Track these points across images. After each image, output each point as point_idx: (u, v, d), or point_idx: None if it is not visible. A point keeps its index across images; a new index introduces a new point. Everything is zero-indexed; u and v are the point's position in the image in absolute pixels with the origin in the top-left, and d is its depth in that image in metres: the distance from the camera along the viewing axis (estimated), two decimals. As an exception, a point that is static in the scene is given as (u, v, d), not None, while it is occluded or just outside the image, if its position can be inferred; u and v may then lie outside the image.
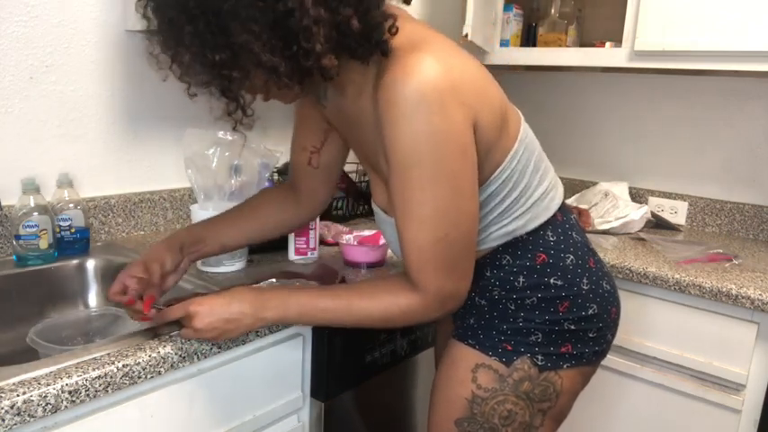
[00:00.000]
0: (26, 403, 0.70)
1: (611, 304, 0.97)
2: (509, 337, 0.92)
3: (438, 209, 0.80)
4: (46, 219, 1.17)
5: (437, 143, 0.77)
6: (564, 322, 0.92)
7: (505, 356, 0.92)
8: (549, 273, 0.91)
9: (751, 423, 1.33)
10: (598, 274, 0.95)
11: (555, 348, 0.92)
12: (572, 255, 0.93)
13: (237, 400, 0.98)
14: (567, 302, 0.92)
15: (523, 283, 0.92)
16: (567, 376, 0.93)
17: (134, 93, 1.40)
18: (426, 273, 0.83)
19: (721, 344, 1.34)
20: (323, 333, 1.11)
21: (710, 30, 1.52)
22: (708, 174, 1.90)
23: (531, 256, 0.92)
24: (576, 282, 0.92)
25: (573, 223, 0.97)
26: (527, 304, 0.92)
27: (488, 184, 0.88)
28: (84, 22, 1.29)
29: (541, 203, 0.92)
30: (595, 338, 0.95)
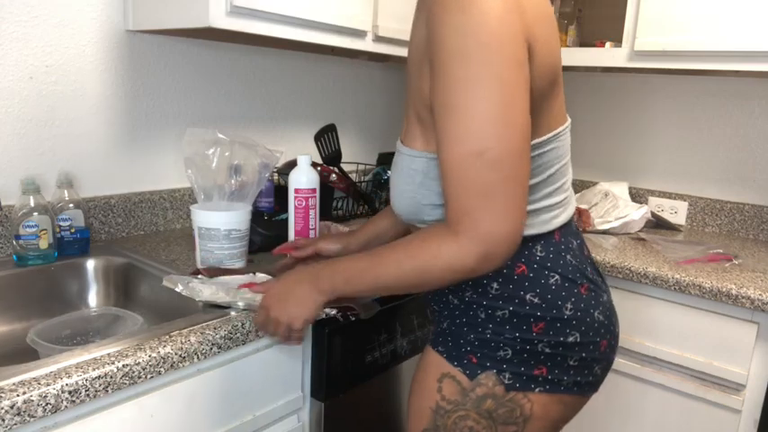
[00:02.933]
0: (26, 403, 0.70)
1: (602, 336, 0.86)
2: (475, 349, 0.85)
3: (482, 118, 0.69)
4: (46, 219, 1.17)
5: (488, 42, 0.68)
6: (538, 343, 0.83)
7: (469, 369, 0.85)
8: (527, 287, 0.83)
9: (751, 423, 1.33)
10: (590, 303, 0.85)
11: (526, 369, 0.83)
12: (558, 276, 0.83)
13: (237, 400, 0.98)
14: (542, 323, 0.83)
15: (496, 291, 0.83)
16: (539, 402, 0.84)
17: (134, 93, 1.40)
18: (463, 204, 0.72)
19: (721, 344, 1.34)
20: (323, 333, 1.11)
21: (710, 30, 1.52)
22: (708, 174, 1.90)
23: (510, 263, 0.82)
24: (556, 304, 0.83)
25: (572, 248, 0.87)
26: (497, 316, 0.84)
27: None
28: (85, 22, 1.29)
29: (540, 215, 0.84)
30: (577, 368, 0.85)
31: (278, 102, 1.74)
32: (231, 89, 1.60)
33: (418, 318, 1.33)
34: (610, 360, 0.91)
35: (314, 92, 1.84)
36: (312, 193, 1.26)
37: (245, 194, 1.23)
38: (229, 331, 0.92)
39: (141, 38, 1.38)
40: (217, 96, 1.58)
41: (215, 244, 1.16)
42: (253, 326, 0.95)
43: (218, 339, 0.90)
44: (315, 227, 1.29)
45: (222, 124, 1.60)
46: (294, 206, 1.26)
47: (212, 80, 1.55)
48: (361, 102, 2.01)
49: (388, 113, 2.13)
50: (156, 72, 1.43)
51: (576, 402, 0.89)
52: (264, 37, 1.27)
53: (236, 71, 1.61)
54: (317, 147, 1.60)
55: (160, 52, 1.43)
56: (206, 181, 1.21)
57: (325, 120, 1.77)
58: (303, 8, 1.28)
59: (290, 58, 1.74)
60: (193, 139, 1.22)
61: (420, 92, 0.80)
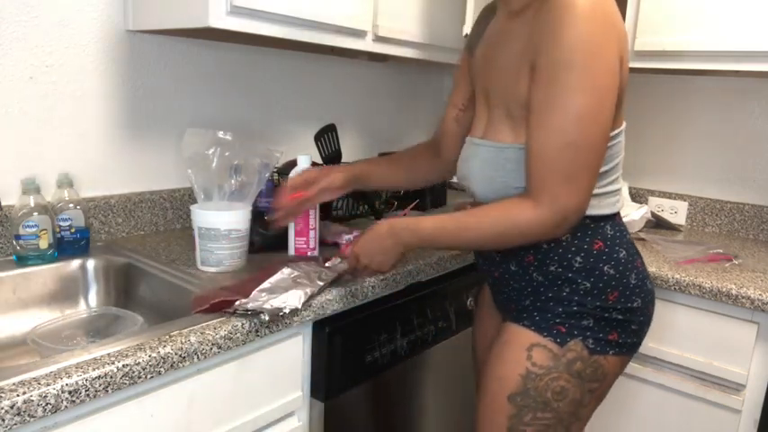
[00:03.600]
0: (26, 403, 0.70)
1: (651, 303, 1.04)
2: (563, 320, 0.99)
3: (576, 115, 0.87)
4: (46, 219, 1.17)
5: (594, 53, 0.86)
6: (612, 311, 0.98)
7: (560, 338, 0.98)
8: (605, 260, 0.98)
9: (751, 423, 1.33)
10: (644, 273, 1.03)
11: (604, 335, 0.98)
12: (625, 251, 1.00)
13: (237, 400, 0.98)
14: (616, 292, 0.98)
15: (579, 264, 0.98)
16: (612, 362, 1.00)
17: (134, 93, 1.40)
18: (547, 182, 0.90)
19: (721, 344, 1.34)
20: (323, 333, 1.11)
21: (710, 30, 1.52)
22: (708, 174, 1.90)
23: (589, 240, 0.98)
24: (626, 275, 0.99)
25: (626, 228, 1.05)
26: (581, 289, 0.98)
27: None
28: (85, 22, 1.29)
29: (609, 198, 1.00)
30: (636, 331, 1.02)
31: (278, 102, 1.74)
32: (231, 89, 1.60)
33: (418, 318, 1.33)
34: (651, 320, 1.07)
35: (314, 92, 1.84)
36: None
37: (245, 194, 1.23)
38: (229, 331, 0.92)
39: (141, 38, 1.38)
40: (217, 96, 1.57)
41: (215, 244, 1.16)
42: (253, 326, 0.95)
43: (218, 339, 0.90)
44: (315, 226, 1.29)
45: (222, 124, 1.60)
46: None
47: (212, 80, 1.55)
48: (361, 102, 2.01)
49: (388, 113, 2.13)
50: (156, 72, 1.43)
51: (628, 361, 1.06)
52: (264, 37, 1.27)
53: (237, 71, 1.61)
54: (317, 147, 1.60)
55: (160, 52, 1.43)
56: (206, 181, 1.21)
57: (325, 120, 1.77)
58: (303, 8, 1.28)
59: (290, 58, 1.74)
60: (193, 139, 1.22)
61: (516, 92, 0.95)
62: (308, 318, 1.05)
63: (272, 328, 0.99)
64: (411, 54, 1.61)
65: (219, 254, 1.17)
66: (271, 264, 1.19)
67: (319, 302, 1.07)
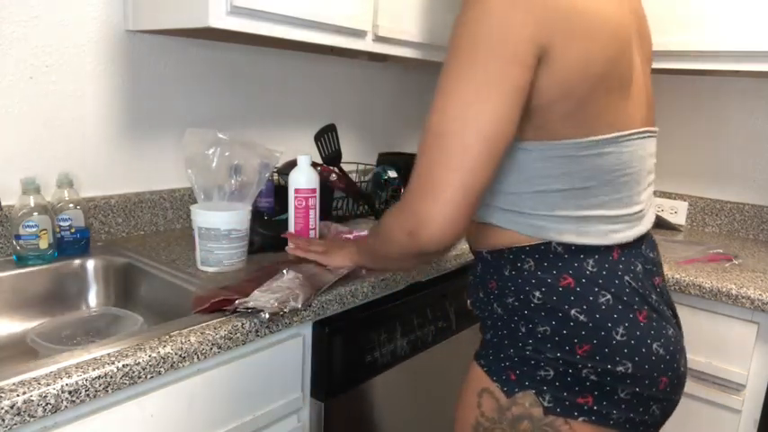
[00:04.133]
0: (26, 403, 0.70)
1: (662, 372, 0.78)
2: (515, 365, 0.81)
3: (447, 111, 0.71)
4: (46, 219, 1.17)
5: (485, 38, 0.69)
6: (582, 368, 0.77)
7: (507, 386, 0.80)
8: (572, 302, 0.77)
9: (751, 423, 1.33)
10: (649, 333, 0.77)
11: (569, 394, 0.77)
12: (610, 295, 0.77)
13: (237, 400, 0.98)
14: (587, 346, 0.76)
15: (539, 300, 0.79)
16: (583, 430, 0.78)
17: (134, 93, 1.40)
18: (410, 184, 0.75)
19: (721, 344, 1.34)
20: (323, 333, 1.11)
21: (710, 30, 1.52)
22: (708, 174, 1.90)
23: (555, 273, 0.78)
24: (605, 325, 0.76)
25: (635, 270, 0.80)
26: (539, 332, 0.79)
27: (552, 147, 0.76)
28: (85, 22, 1.29)
29: (595, 225, 0.78)
30: (630, 402, 0.77)
31: (278, 102, 1.74)
32: (231, 89, 1.60)
33: (418, 318, 1.33)
34: (672, 400, 0.82)
35: (314, 92, 1.84)
36: (312, 193, 1.26)
37: (245, 194, 1.23)
38: (229, 331, 0.92)
39: (141, 38, 1.38)
40: (217, 96, 1.57)
41: (215, 244, 1.16)
42: (253, 326, 0.95)
43: (218, 339, 0.90)
44: (315, 227, 1.29)
45: (222, 124, 1.60)
46: (294, 206, 1.26)
47: (212, 80, 1.55)
48: (361, 102, 2.01)
49: (388, 113, 2.13)
50: (155, 72, 1.43)
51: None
52: (264, 37, 1.27)
53: (236, 71, 1.61)
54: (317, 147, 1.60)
55: (160, 52, 1.43)
56: (206, 181, 1.21)
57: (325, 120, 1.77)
58: (303, 8, 1.28)
59: (289, 58, 1.74)
60: (193, 139, 1.22)
61: None
62: (307, 318, 1.05)
63: (272, 328, 0.99)
64: (411, 54, 1.61)
65: (219, 254, 1.17)
66: (271, 264, 1.19)
67: (319, 302, 1.07)
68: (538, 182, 0.78)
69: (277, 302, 0.97)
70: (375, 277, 1.19)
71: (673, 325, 0.83)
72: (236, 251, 1.20)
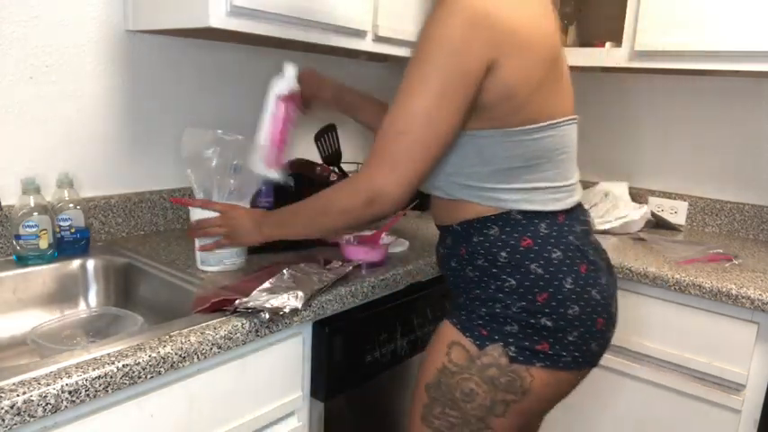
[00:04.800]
0: (26, 403, 0.70)
1: (599, 314, 0.96)
2: (486, 323, 0.95)
3: (409, 109, 0.88)
4: (46, 219, 1.17)
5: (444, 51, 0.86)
6: (541, 317, 0.93)
7: (479, 340, 0.95)
8: (532, 258, 0.93)
9: (751, 423, 1.33)
10: (588, 281, 0.95)
11: (530, 344, 0.93)
12: (560, 252, 0.94)
13: (237, 400, 0.98)
14: (545, 294, 0.93)
15: (505, 259, 0.94)
16: (540, 376, 0.94)
17: (134, 93, 1.40)
18: (371, 162, 0.92)
19: (721, 344, 1.34)
20: (323, 333, 1.11)
21: (710, 30, 1.52)
22: (708, 174, 1.90)
23: (517, 236, 0.94)
24: (558, 277, 0.93)
25: (576, 231, 0.98)
26: (506, 286, 0.94)
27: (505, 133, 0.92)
28: (85, 22, 1.29)
29: (543, 194, 0.95)
30: (575, 344, 0.94)
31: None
32: (231, 89, 1.60)
33: (418, 318, 1.33)
34: (606, 338, 0.99)
35: (314, 92, 1.83)
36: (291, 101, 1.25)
37: (244, 194, 1.23)
38: (229, 331, 0.92)
39: (141, 38, 1.38)
40: (217, 96, 1.57)
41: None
42: (253, 326, 0.95)
43: (218, 339, 0.90)
44: (286, 140, 1.25)
45: (222, 124, 1.60)
46: (272, 113, 1.23)
47: (212, 80, 1.55)
48: (361, 102, 2.00)
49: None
50: (155, 72, 1.43)
51: (569, 380, 0.98)
52: (264, 37, 1.27)
53: (236, 71, 1.61)
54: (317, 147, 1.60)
55: (160, 52, 1.43)
56: (205, 180, 1.21)
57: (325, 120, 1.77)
58: (303, 8, 1.28)
59: (290, 59, 1.73)
60: (192, 138, 1.22)
61: None
62: (307, 318, 1.05)
63: (271, 328, 0.99)
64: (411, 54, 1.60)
65: (219, 253, 1.17)
66: (271, 264, 1.19)
67: (319, 302, 1.07)
68: (495, 162, 0.94)
69: (277, 302, 0.97)
70: (375, 277, 1.20)
71: (605, 274, 1.00)
72: (236, 250, 1.19)
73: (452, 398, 0.97)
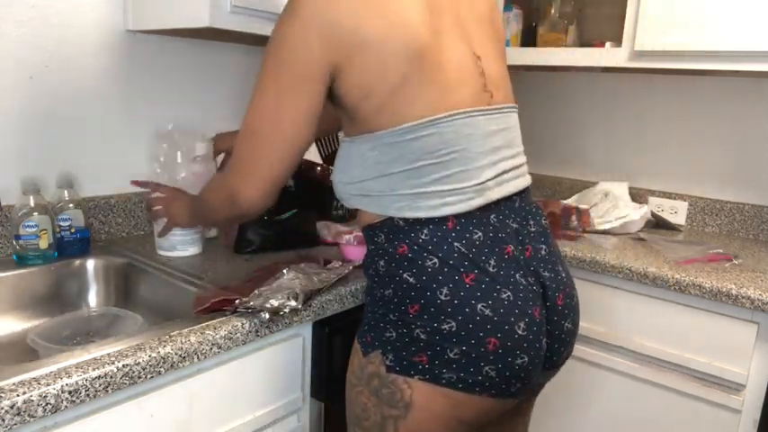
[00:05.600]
0: (26, 403, 0.70)
1: (489, 333, 0.82)
2: (371, 329, 0.91)
3: (253, 110, 0.90)
4: (46, 219, 1.17)
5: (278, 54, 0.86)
6: (415, 328, 0.85)
7: (365, 347, 0.91)
8: (405, 267, 0.86)
9: (751, 423, 1.33)
10: (474, 294, 0.83)
11: (407, 354, 0.85)
12: (437, 259, 0.84)
13: (237, 400, 0.98)
14: (416, 305, 0.85)
15: (382, 268, 0.89)
16: (420, 390, 0.85)
17: (134, 92, 1.40)
18: (230, 163, 0.95)
19: (721, 344, 1.34)
20: (323, 333, 1.11)
21: (710, 30, 1.52)
22: (708, 174, 1.90)
23: (396, 243, 0.88)
24: (431, 286, 0.84)
25: (470, 238, 0.86)
26: (385, 295, 0.89)
27: (377, 137, 0.87)
28: (85, 22, 1.29)
29: (429, 200, 0.87)
30: (460, 363, 0.83)
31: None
32: (231, 89, 1.60)
33: (418, 318, 1.33)
34: (509, 364, 0.84)
35: (314, 92, 1.83)
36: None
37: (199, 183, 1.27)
38: (229, 331, 0.92)
39: (141, 38, 1.38)
40: (217, 96, 1.57)
41: None
42: (253, 326, 0.95)
43: (218, 339, 0.90)
44: None
45: (222, 124, 1.60)
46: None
47: (212, 80, 1.55)
48: (361, 102, 2.00)
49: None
50: (155, 72, 1.43)
51: (472, 401, 0.85)
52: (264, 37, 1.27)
53: (237, 71, 1.61)
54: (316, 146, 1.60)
55: (160, 52, 1.43)
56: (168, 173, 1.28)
57: (325, 120, 1.77)
58: (303, 8, 1.28)
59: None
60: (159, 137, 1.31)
61: None
62: (307, 318, 1.05)
63: (271, 328, 0.99)
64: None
65: (173, 239, 1.28)
66: (271, 264, 1.19)
67: (319, 302, 1.07)
68: (376, 168, 0.89)
69: (277, 302, 0.97)
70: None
71: (517, 291, 0.85)
72: (189, 237, 1.28)
73: (356, 415, 0.94)
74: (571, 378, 1.56)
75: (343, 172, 0.95)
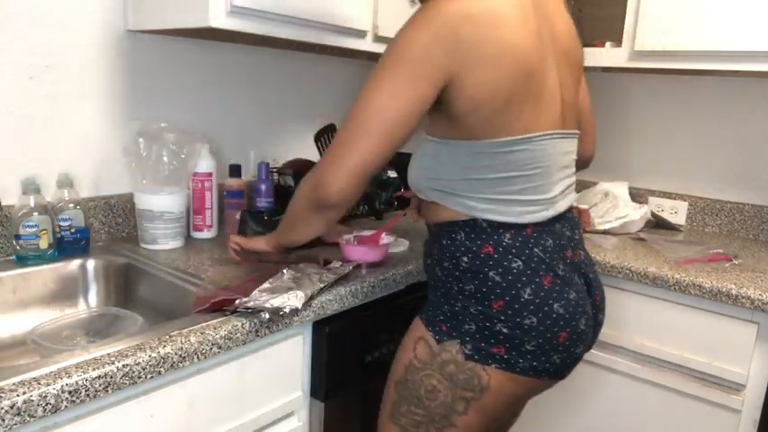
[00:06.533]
0: (26, 403, 0.70)
1: (561, 328, 0.95)
2: (447, 319, 0.98)
3: (362, 104, 0.91)
4: (46, 219, 1.17)
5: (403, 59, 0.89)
6: (497, 322, 0.94)
7: (439, 335, 0.98)
8: (491, 266, 0.94)
9: (751, 423, 1.33)
10: (551, 295, 0.95)
11: (486, 345, 0.94)
12: (521, 262, 0.95)
13: (237, 400, 0.98)
14: (501, 302, 0.94)
15: (466, 264, 0.96)
16: (496, 377, 0.95)
17: (134, 92, 1.40)
18: (326, 151, 0.96)
19: (721, 344, 1.34)
20: (323, 333, 1.11)
21: (710, 30, 1.52)
22: (708, 174, 1.90)
23: (480, 243, 0.96)
24: (515, 286, 0.94)
25: (545, 244, 0.97)
26: (466, 290, 0.96)
27: (475, 145, 0.94)
28: (85, 22, 1.29)
29: (514, 207, 0.96)
30: (534, 353, 0.94)
31: (278, 101, 1.74)
32: (231, 89, 1.60)
33: (418, 318, 1.33)
34: (572, 353, 0.98)
35: (314, 92, 1.84)
36: (209, 177, 1.42)
37: (179, 177, 1.34)
38: (229, 331, 0.92)
39: (141, 38, 1.38)
40: (216, 96, 1.57)
41: (150, 224, 1.31)
42: (253, 326, 0.95)
43: (218, 339, 0.90)
44: (211, 206, 1.44)
45: (222, 124, 1.60)
46: (191, 187, 1.41)
47: (212, 80, 1.55)
48: (361, 102, 2.00)
49: (388, 113, 2.13)
50: (155, 72, 1.43)
51: (532, 385, 0.99)
52: (264, 37, 1.27)
53: (236, 71, 1.61)
54: (317, 147, 1.60)
55: (160, 52, 1.43)
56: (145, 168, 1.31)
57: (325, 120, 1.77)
58: (303, 8, 1.28)
59: (289, 59, 1.74)
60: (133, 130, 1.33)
61: None
62: (307, 318, 1.05)
63: (272, 328, 0.99)
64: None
65: (154, 233, 1.31)
66: (271, 264, 1.19)
67: (319, 302, 1.07)
68: (467, 171, 0.96)
69: (277, 302, 0.97)
70: (375, 277, 1.20)
71: (579, 291, 1.00)
72: (170, 231, 1.31)
73: (418, 395, 1.00)
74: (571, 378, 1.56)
75: (427, 168, 1.00)
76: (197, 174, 1.40)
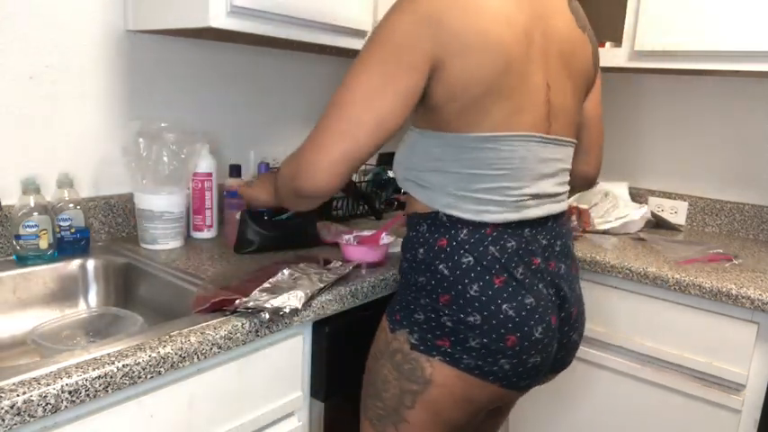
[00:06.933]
0: (26, 403, 0.70)
1: (509, 331, 0.91)
2: (401, 309, 0.99)
3: (344, 86, 0.88)
4: (46, 219, 1.17)
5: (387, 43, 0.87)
6: (442, 315, 0.93)
7: (393, 324, 0.99)
8: (443, 258, 0.93)
9: (751, 423, 1.33)
10: (501, 295, 0.91)
11: (432, 336, 0.94)
12: (473, 258, 0.92)
13: (237, 400, 0.98)
14: (447, 296, 0.93)
15: (421, 256, 0.96)
16: (440, 370, 0.94)
17: (134, 92, 1.40)
18: (307, 138, 0.93)
19: (721, 344, 1.34)
20: (323, 333, 1.11)
21: (710, 30, 1.52)
22: (708, 174, 1.90)
23: (437, 236, 0.95)
24: (463, 281, 0.92)
25: (504, 246, 0.93)
26: (419, 281, 0.96)
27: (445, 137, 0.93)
28: (85, 22, 1.29)
29: (476, 205, 0.94)
30: (480, 352, 0.92)
31: (278, 101, 1.74)
32: (231, 89, 1.60)
33: (418, 318, 1.33)
34: (523, 361, 0.94)
35: (314, 92, 1.84)
36: (208, 176, 1.43)
37: (179, 177, 1.33)
38: (229, 331, 0.92)
39: (141, 38, 1.38)
40: (217, 96, 1.58)
41: (150, 224, 1.31)
42: (253, 326, 0.95)
43: (218, 339, 0.90)
44: (211, 206, 1.45)
45: (222, 124, 1.60)
46: (191, 187, 1.42)
47: (212, 80, 1.55)
48: (361, 102, 2.00)
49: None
50: (155, 72, 1.43)
51: (489, 390, 0.95)
52: (264, 37, 1.27)
53: (236, 71, 1.61)
54: (316, 147, 1.60)
55: (160, 52, 1.43)
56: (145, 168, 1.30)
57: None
58: (303, 8, 1.28)
59: (289, 58, 1.74)
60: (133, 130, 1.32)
61: None
62: (307, 318, 1.05)
63: (272, 328, 0.99)
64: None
65: (154, 233, 1.31)
66: (271, 264, 1.19)
67: (319, 302, 1.07)
68: (436, 164, 0.95)
69: (277, 302, 0.97)
70: (375, 277, 1.20)
71: (540, 299, 0.95)
72: (170, 231, 1.32)
73: (376, 387, 1.01)
74: (571, 378, 1.56)
75: (405, 157, 1.00)
76: (197, 174, 1.41)
